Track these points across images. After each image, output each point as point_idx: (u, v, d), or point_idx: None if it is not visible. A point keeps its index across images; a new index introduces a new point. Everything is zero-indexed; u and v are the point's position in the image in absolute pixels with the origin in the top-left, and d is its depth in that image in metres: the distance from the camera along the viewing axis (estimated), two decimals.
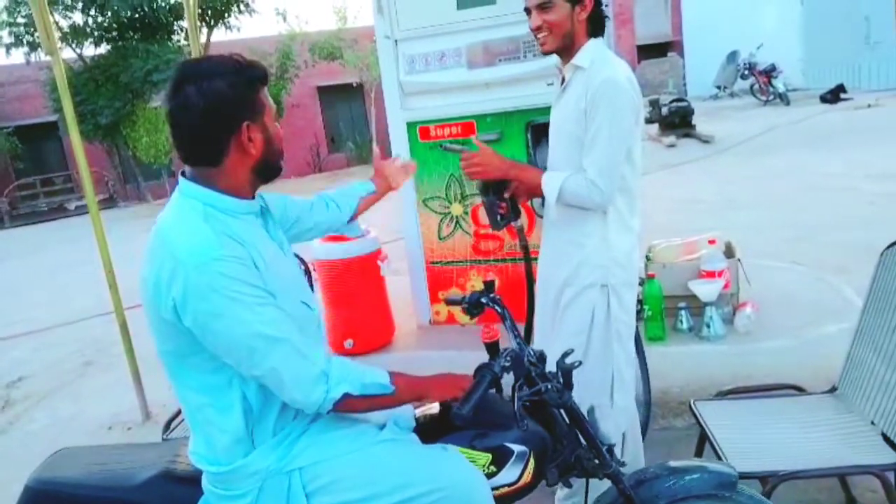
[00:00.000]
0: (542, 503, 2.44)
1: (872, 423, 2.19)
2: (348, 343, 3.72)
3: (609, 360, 2.21)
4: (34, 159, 19.49)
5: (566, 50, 2.15)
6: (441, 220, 3.78)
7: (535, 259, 2.49)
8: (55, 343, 5.90)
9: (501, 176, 2.25)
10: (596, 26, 2.14)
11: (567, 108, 2.17)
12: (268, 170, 1.55)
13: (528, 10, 2.14)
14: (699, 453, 2.41)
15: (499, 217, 2.36)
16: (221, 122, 1.44)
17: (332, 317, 3.78)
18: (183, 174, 1.53)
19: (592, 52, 2.12)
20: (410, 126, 3.70)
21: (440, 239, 3.81)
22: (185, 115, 1.44)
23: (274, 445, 1.50)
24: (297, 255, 2.83)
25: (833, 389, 2.45)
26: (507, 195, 2.33)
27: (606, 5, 2.21)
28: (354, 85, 20.50)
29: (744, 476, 1.99)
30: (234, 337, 1.39)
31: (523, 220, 2.46)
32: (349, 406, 1.49)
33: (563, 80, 2.22)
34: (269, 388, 1.45)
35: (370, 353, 3.76)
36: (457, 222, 3.75)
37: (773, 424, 2.29)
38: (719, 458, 2.11)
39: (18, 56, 16.79)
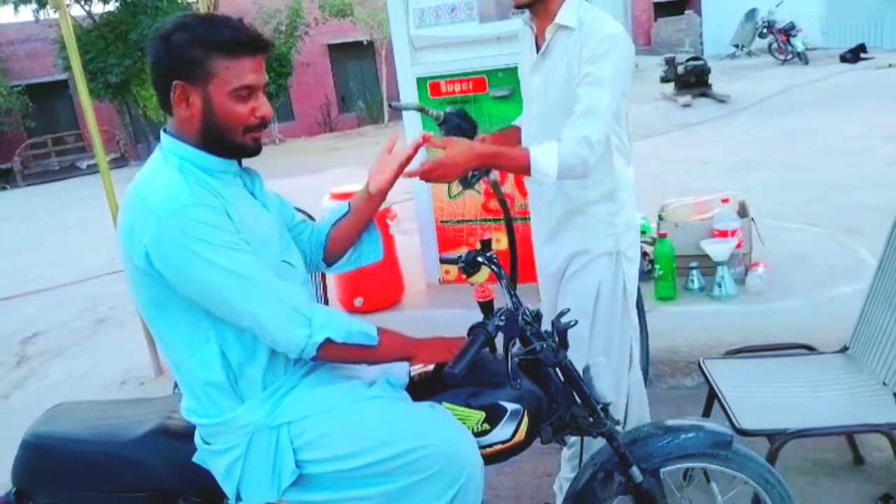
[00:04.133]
0: (547, 459, 2.47)
1: (884, 383, 2.17)
2: (358, 301, 3.74)
3: (615, 323, 2.17)
4: (45, 118, 19.47)
5: (541, 5, 1.97)
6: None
7: (521, 219, 2.36)
8: (68, 300, 5.96)
9: (480, 165, 1.89)
10: None
11: (556, 73, 1.98)
12: (214, 142, 1.48)
13: None
14: (707, 412, 2.41)
15: (469, 174, 2.06)
16: (158, 73, 1.45)
17: (341, 275, 3.78)
18: (165, 130, 1.52)
19: (577, 8, 1.94)
20: (420, 81, 3.65)
21: (450, 198, 3.79)
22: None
23: (263, 399, 1.51)
24: (304, 212, 2.82)
25: (844, 349, 2.43)
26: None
27: None
28: (365, 43, 20.24)
29: (751, 433, 2.00)
30: (209, 281, 1.39)
31: (495, 173, 2.24)
32: (332, 353, 1.49)
33: (539, 42, 2.05)
34: (254, 332, 1.45)
35: (380, 311, 3.78)
36: None
37: (782, 383, 2.28)
38: (728, 416, 2.10)
39: (27, 13, 16.69)
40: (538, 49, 2.06)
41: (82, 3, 16.48)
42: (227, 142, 1.48)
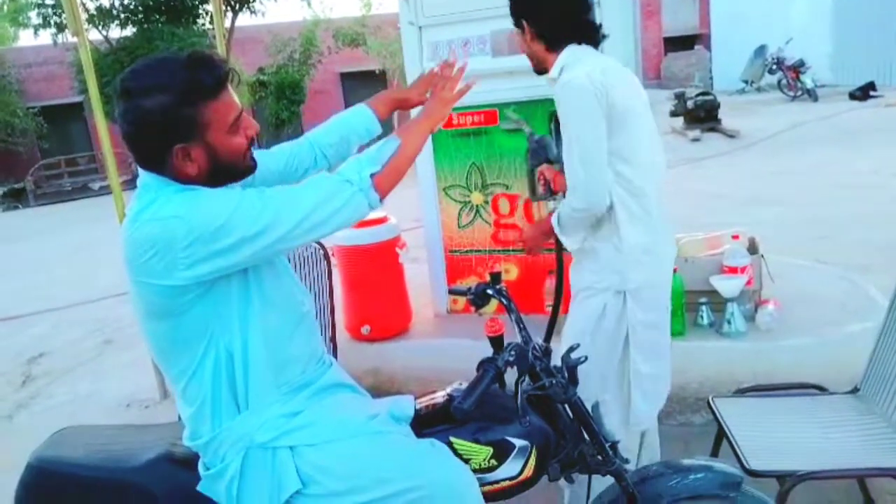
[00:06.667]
0: (553, 497, 2.44)
1: None
2: (365, 329, 3.73)
3: (612, 363, 2.17)
4: (60, 139, 19.70)
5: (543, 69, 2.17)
6: (461, 209, 3.76)
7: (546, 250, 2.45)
8: (76, 321, 5.97)
9: (546, 239, 2.31)
10: (554, 40, 2.09)
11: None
12: (225, 176, 1.48)
13: None
14: (716, 450, 2.38)
15: (537, 189, 2.40)
16: (153, 141, 1.39)
17: (349, 302, 3.78)
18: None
19: (563, 61, 2.08)
20: None
21: (460, 227, 3.80)
22: (122, 127, 1.38)
23: (255, 412, 1.50)
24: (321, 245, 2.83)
25: (855, 390, 2.40)
26: (539, 178, 2.34)
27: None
28: (377, 72, 20.47)
29: (761, 475, 1.98)
30: (257, 213, 1.36)
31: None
32: (385, 179, 1.51)
33: None
34: (321, 230, 1.45)
35: (387, 339, 3.76)
36: (477, 211, 3.73)
37: (792, 423, 2.26)
38: (737, 455, 2.08)
39: (46, 37, 16.98)
40: None
41: (100, 28, 16.76)
42: (234, 172, 1.50)
